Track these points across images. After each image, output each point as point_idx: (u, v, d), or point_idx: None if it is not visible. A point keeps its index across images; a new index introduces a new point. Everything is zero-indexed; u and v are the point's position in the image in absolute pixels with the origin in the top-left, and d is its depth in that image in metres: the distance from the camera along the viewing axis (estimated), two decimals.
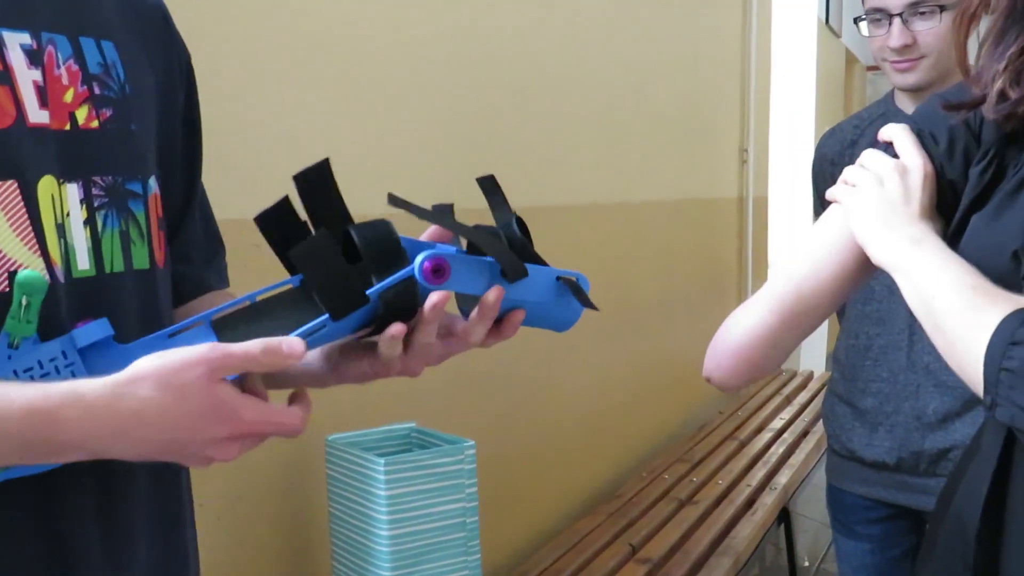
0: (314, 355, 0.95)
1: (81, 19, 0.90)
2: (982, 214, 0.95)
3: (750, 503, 2.67)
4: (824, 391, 1.94)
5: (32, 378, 0.80)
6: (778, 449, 3.12)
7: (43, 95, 0.85)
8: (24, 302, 0.79)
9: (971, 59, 1.03)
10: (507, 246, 0.88)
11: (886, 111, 1.77)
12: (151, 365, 0.76)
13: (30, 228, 0.82)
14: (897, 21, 1.60)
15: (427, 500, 1.41)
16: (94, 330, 0.83)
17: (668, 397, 3.30)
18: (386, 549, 1.38)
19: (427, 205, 0.87)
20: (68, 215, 0.85)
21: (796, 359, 4.90)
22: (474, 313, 0.86)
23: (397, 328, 0.84)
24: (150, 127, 0.95)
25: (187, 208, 1.04)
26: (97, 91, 0.89)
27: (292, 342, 0.78)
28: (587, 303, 0.90)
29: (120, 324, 0.83)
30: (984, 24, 1.01)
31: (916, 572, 1.13)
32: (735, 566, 2.31)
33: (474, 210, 0.98)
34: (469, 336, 0.87)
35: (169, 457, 0.81)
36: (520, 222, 0.91)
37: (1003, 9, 0.95)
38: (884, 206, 0.96)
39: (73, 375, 0.82)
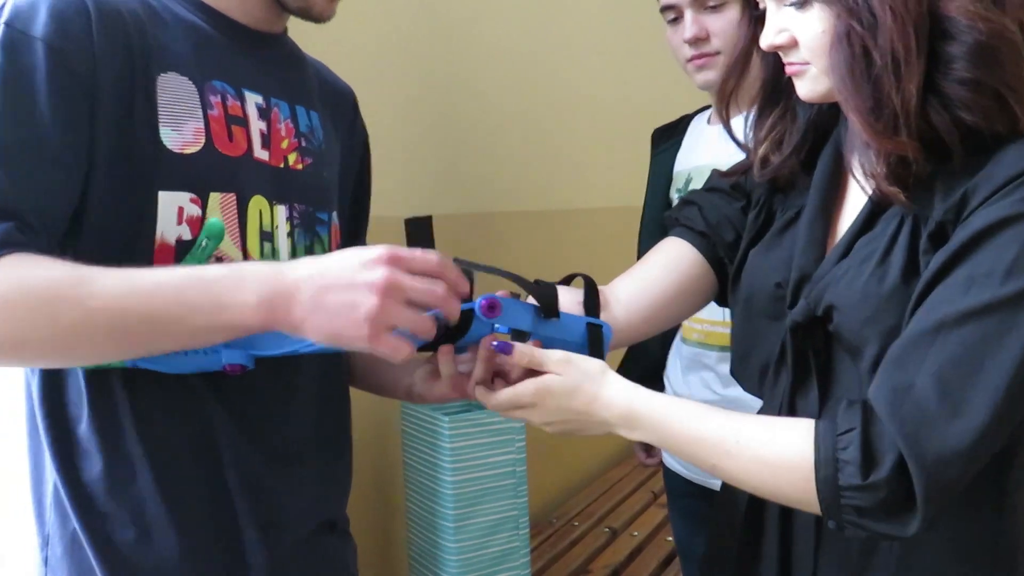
0: (410, 380, 1.02)
1: (297, 94, 0.99)
2: (756, 250, 0.94)
3: None
4: None
5: None
6: None
7: (266, 140, 0.92)
8: (203, 244, 0.84)
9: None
10: (553, 293, 0.91)
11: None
12: None
13: (238, 230, 0.89)
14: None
15: (484, 452, 1.41)
16: None
17: None
18: (450, 491, 1.38)
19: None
20: (277, 228, 0.93)
21: None
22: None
23: (447, 347, 0.89)
24: (334, 177, 1.03)
25: (355, 240, 1.12)
26: (303, 144, 0.97)
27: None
28: (599, 351, 0.91)
29: None
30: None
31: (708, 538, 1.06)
32: None
33: (451, 215, 1.00)
34: (511, 375, 0.89)
35: (338, 279, 0.74)
36: (590, 286, 0.96)
37: (761, 91, 0.94)
38: (570, 413, 0.84)
39: None
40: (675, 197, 1.50)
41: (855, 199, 0.87)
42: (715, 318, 1.39)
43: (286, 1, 0.94)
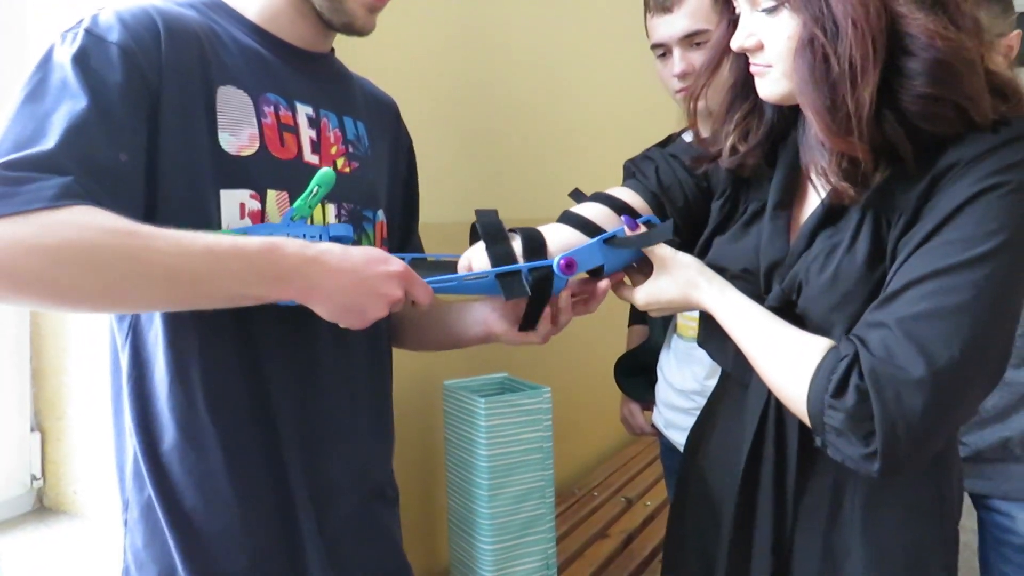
0: (480, 329, 1.05)
1: (345, 106, 1.02)
2: (722, 239, 0.96)
3: None
4: None
5: None
6: None
7: (316, 146, 0.95)
8: (314, 191, 0.87)
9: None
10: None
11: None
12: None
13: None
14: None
15: (515, 430, 1.43)
16: (342, 229, 0.91)
17: None
18: (485, 464, 1.40)
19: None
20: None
21: None
22: (592, 296, 0.99)
23: (546, 313, 0.97)
24: (381, 180, 1.06)
25: (409, 235, 1.16)
26: (350, 150, 1.00)
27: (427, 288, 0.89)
28: (642, 244, 0.95)
29: None
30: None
31: (672, 515, 1.08)
32: None
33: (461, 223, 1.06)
34: (589, 307, 1.00)
35: (358, 289, 0.82)
36: (613, 201, 1.00)
37: (730, 85, 0.94)
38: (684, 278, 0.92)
39: None
40: None
41: (815, 194, 0.89)
42: None
43: (330, 19, 0.96)
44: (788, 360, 0.79)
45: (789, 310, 0.85)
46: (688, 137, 1.55)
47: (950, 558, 0.86)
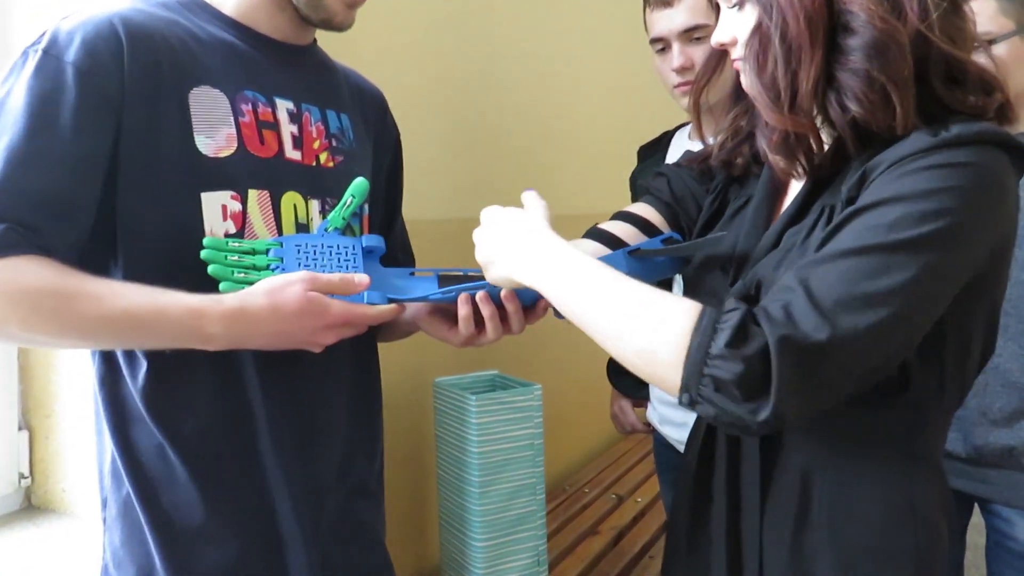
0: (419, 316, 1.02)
1: (327, 98, 1.01)
2: (709, 235, 0.97)
3: None
4: None
5: (329, 253, 0.89)
6: None
7: (297, 142, 0.94)
8: (348, 201, 0.89)
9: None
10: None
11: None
12: (266, 282, 0.82)
13: (275, 223, 0.91)
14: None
15: (506, 427, 1.43)
16: (374, 240, 0.93)
17: None
18: (476, 461, 1.40)
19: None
20: (311, 220, 0.95)
21: None
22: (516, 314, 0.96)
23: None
24: (367, 173, 1.03)
25: (390, 229, 1.14)
26: (334, 144, 0.99)
27: (360, 277, 0.87)
28: (673, 252, 0.97)
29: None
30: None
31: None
32: None
33: (465, 219, 1.05)
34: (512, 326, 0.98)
35: (288, 343, 0.84)
36: (636, 219, 1.03)
37: (730, 88, 0.96)
38: (504, 240, 0.86)
39: (353, 263, 0.91)
40: None
41: (796, 191, 0.89)
42: None
43: (309, 15, 0.96)
44: (644, 313, 0.73)
45: (750, 304, 0.85)
46: (683, 136, 1.57)
47: (923, 568, 0.83)
